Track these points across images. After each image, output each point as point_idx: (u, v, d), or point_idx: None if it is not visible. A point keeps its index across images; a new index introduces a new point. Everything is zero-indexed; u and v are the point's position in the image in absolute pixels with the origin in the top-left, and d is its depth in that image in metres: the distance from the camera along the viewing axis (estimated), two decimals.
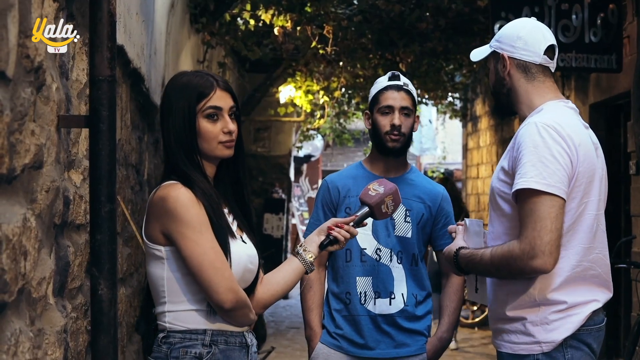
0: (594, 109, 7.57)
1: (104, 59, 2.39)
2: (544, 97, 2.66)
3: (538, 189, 2.40)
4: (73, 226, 2.80)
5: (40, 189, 2.27)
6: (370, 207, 2.58)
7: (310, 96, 11.35)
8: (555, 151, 2.44)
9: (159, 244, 2.40)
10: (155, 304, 2.47)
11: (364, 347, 3.28)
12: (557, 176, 2.42)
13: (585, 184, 2.52)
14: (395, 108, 3.29)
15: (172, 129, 2.43)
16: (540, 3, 6.41)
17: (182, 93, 2.43)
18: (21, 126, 2.01)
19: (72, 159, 2.80)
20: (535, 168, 2.42)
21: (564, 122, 2.54)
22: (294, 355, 8.77)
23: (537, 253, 2.39)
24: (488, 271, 2.61)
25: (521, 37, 2.68)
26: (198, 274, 2.34)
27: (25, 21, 2.03)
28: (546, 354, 2.52)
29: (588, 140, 2.59)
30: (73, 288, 2.78)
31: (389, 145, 3.31)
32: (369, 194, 2.60)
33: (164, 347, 2.41)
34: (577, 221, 2.52)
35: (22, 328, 2.06)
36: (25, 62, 2.04)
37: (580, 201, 2.51)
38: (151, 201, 2.41)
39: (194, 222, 2.33)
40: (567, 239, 2.51)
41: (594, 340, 2.57)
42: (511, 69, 2.69)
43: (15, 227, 1.97)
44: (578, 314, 2.53)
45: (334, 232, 2.51)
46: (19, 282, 2.02)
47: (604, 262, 2.60)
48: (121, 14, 3.88)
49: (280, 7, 7.95)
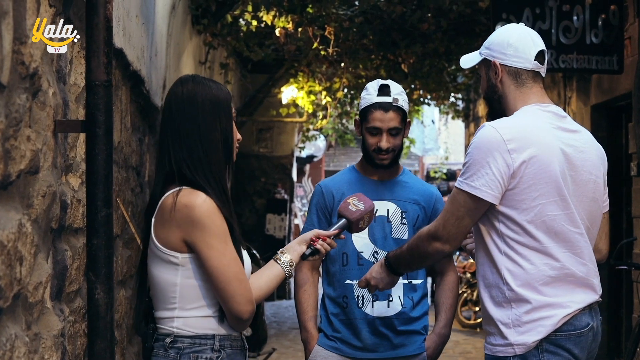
0: (596, 110, 7.56)
1: (101, 64, 2.40)
2: (525, 102, 2.70)
3: (466, 191, 2.57)
4: (71, 230, 2.80)
5: (37, 194, 2.28)
6: (350, 221, 2.69)
7: (312, 97, 11.34)
8: (490, 155, 2.54)
9: (176, 251, 2.39)
10: (159, 308, 2.46)
11: (362, 349, 3.29)
12: (484, 179, 2.54)
13: (539, 184, 2.55)
14: (383, 130, 3.29)
15: (203, 139, 2.42)
16: (541, 4, 6.41)
17: (213, 107, 2.45)
18: (16, 132, 2.01)
19: (70, 163, 2.81)
20: (469, 170, 2.57)
21: (516, 126, 2.59)
22: (296, 356, 8.78)
23: (438, 237, 2.63)
24: (406, 260, 2.82)
25: (511, 44, 2.70)
26: (222, 285, 2.36)
27: (20, 28, 2.04)
28: (520, 356, 2.53)
29: (552, 144, 2.60)
30: (71, 292, 2.79)
31: (377, 162, 3.34)
32: (349, 209, 2.71)
33: (172, 352, 2.41)
34: (535, 222, 2.55)
35: (18, 333, 2.07)
36: (20, 68, 2.05)
37: (533, 201, 2.55)
38: (170, 207, 2.37)
39: (220, 233, 2.36)
40: (527, 239, 2.56)
41: (575, 345, 2.55)
42: (503, 76, 2.71)
43: (11, 232, 1.98)
44: (550, 317, 2.53)
45: (317, 245, 2.62)
46: (15, 287, 2.03)
47: (577, 261, 2.59)
48: (120, 17, 3.89)
49: (282, 8, 7.95)
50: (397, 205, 3.33)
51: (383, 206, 3.32)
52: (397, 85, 3.37)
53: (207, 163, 2.42)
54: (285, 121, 13.69)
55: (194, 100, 2.43)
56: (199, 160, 2.41)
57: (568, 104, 8.09)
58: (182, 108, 2.43)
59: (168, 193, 2.40)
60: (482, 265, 2.65)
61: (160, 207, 2.41)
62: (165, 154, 2.45)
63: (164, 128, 2.48)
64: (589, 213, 2.67)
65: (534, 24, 6.39)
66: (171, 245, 2.39)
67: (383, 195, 3.34)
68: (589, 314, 2.60)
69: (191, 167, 2.41)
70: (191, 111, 2.42)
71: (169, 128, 2.45)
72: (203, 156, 2.41)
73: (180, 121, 2.43)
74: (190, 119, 2.42)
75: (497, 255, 2.58)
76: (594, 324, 2.61)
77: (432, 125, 24.44)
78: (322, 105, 12.09)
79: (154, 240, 2.42)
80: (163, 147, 2.46)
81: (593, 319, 2.61)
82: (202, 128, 2.42)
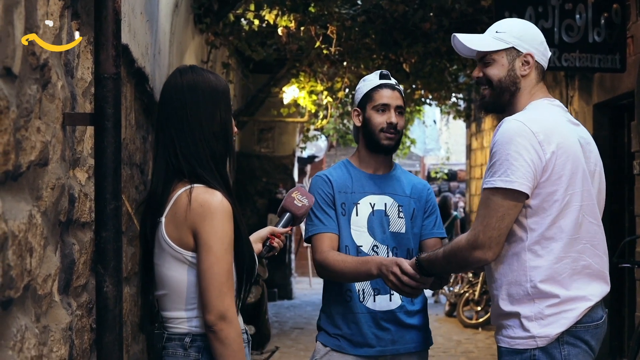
0: (598, 109, 7.56)
1: (109, 56, 2.40)
2: (534, 97, 2.73)
3: (502, 187, 2.51)
4: (78, 224, 2.80)
5: (46, 186, 2.28)
6: (295, 216, 2.86)
7: (314, 96, 11.34)
8: (522, 147, 2.51)
9: (193, 251, 2.37)
10: (172, 309, 2.43)
11: (364, 345, 3.28)
12: (520, 172, 2.50)
13: (567, 176, 2.56)
14: (391, 106, 3.33)
15: (205, 131, 2.40)
16: (544, 3, 6.41)
17: (214, 97, 2.43)
18: (27, 123, 2.01)
19: (77, 157, 2.81)
20: (502, 166, 2.52)
21: (539, 119, 2.59)
22: (298, 356, 8.78)
23: (479, 245, 2.53)
24: (442, 266, 2.76)
25: (542, 42, 2.76)
26: (203, 290, 2.34)
27: (31, 18, 2.04)
28: (542, 349, 2.55)
29: (571, 135, 2.62)
30: (78, 286, 2.79)
31: (383, 143, 3.33)
32: (295, 204, 2.87)
33: (192, 350, 2.40)
34: (563, 212, 2.56)
35: (28, 324, 2.07)
36: (31, 59, 2.05)
37: (564, 192, 2.56)
38: (184, 206, 2.34)
39: (225, 239, 2.34)
40: (554, 231, 2.56)
41: (592, 337, 2.59)
42: (532, 70, 2.71)
43: (22, 223, 1.98)
44: (573, 310, 2.55)
45: (274, 242, 2.76)
46: (25, 278, 2.03)
47: (594, 253, 2.62)
48: (126, 13, 3.89)
49: (284, 7, 7.96)
50: (394, 199, 3.35)
51: (380, 200, 3.33)
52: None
53: (212, 158, 2.40)
54: (286, 121, 13.68)
55: (195, 90, 2.40)
56: (205, 156, 2.39)
57: (570, 103, 8.09)
58: (183, 98, 2.40)
59: (180, 191, 2.38)
60: (502, 264, 2.63)
61: (173, 206, 2.38)
62: (168, 148, 2.42)
63: (163, 120, 2.43)
64: (600, 203, 2.71)
65: (536, 22, 6.39)
66: (188, 245, 2.37)
67: (379, 189, 3.36)
68: (601, 306, 2.64)
69: (200, 163, 2.38)
70: (193, 101, 2.40)
71: (170, 120, 2.41)
72: (208, 151, 2.40)
73: (183, 114, 2.39)
74: (192, 110, 2.39)
75: (522, 252, 2.58)
76: (605, 316, 2.66)
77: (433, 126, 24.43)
78: (323, 105, 12.09)
79: (166, 240, 2.38)
80: (165, 142, 2.42)
81: (604, 311, 2.66)
82: (203, 119, 2.40)
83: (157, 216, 2.43)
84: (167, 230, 2.39)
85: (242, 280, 2.45)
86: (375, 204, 3.31)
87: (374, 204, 3.32)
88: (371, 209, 3.31)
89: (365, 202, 3.31)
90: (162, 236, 2.39)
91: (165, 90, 2.45)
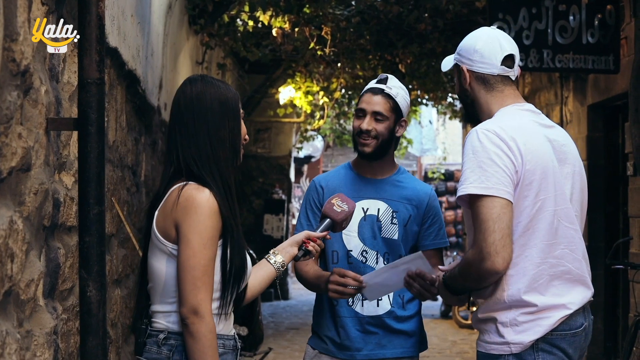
0: (592, 110, 7.56)
1: (93, 61, 2.40)
2: (502, 104, 2.72)
3: (477, 193, 2.49)
4: (64, 228, 2.80)
5: (29, 192, 2.28)
6: (335, 222, 2.81)
7: (310, 97, 11.35)
8: (493, 154, 2.51)
9: (175, 243, 2.38)
10: (156, 302, 2.45)
11: (351, 349, 3.28)
12: (496, 178, 2.48)
13: (537, 181, 2.55)
14: (367, 111, 3.29)
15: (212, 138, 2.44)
16: (537, 4, 6.41)
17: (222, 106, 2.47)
18: (7, 129, 2.02)
19: (63, 161, 2.81)
20: (474, 173, 2.51)
21: (507, 125, 2.59)
22: (293, 356, 8.78)
23: (485, 255, 2.45)
24: (462, 285, 2.69)
25: (477, 50, 2.73)
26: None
27: (11, 25, 2.04)
28: (516, 355, 2.54)
29: (538, 139, 2.62)
30: (64, 290, 2.79)
31: (359, 148, 3.33)
32: (334, 210, 2.82)
33: (165, 348, 2.40)
34: (535, 218, 2.55)
35: (9, 330, 2.07)
36: (11, 65, 2.05)
37: (535, 199, 2.55)
38: (174, 199, 2.38)
39: (204, 234, 2.35)
40: (527, 238, 2.55)
41: (569, 345, 2.57)
42: (471, 81, 2.75)
43: (1, 229, 1.98)
44: (549, 318, 2.54)
45: (309, 246, 2.72)
46: (6, 284, 2.03)
47: (573, 257, 2.61)
48: (115, 16, 3.89)
49: (279, 8, 7.95)
50: (388, 205, 3.31)
51: (373, 205, 3.30)
52: (399, 82, 3.37)
53: (214, 160, 2.44)
54: (282, 121, 13.70)
55: (203, 99, 2.45)
56: (207, 158, 2.43)
57: (565, 104, 8.09)
58: (191, 107, 2.45)
59: (174, 187, 2.42)
60: None
61: (166, 200, 2.42)
62: (173, 151, 2.46)
63: (172, 126, 2.49)
64: (581, 204, 2.69)
65: (530, 23, 6.40)
66: (171, 237, 2.39)
67: (374, 193, 3.32)
68: (582, 314, 2.62)
69: (198, 164, 2.42)
70: (200, 110, 2.45)
71: (177, 126, 2.46)
72: (211, 154, 2.44)
73: (188, 119, 2.44)
74: (199, 117, 2.44)
75: None
76: (586, 323, 2.63)
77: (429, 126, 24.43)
78: (319, 106, 12.10)
79: (155, 231, 2.42)
80: (171, 145, 2.48)
81: (586, 318, 2.63)
82: (210, 126, 2.44)
83: (154, 211, 2.47)
84: (157, 222, 2.43)
85: (227, 281, 2.45)
86: (368, 209, 3.28)
87: (366, 208, 3.29)
88: (363, 213, 3.29)
89: (357, 207, 3.29)
90: (153, 228, 2.44)
91: (175, 98, 2.52)
